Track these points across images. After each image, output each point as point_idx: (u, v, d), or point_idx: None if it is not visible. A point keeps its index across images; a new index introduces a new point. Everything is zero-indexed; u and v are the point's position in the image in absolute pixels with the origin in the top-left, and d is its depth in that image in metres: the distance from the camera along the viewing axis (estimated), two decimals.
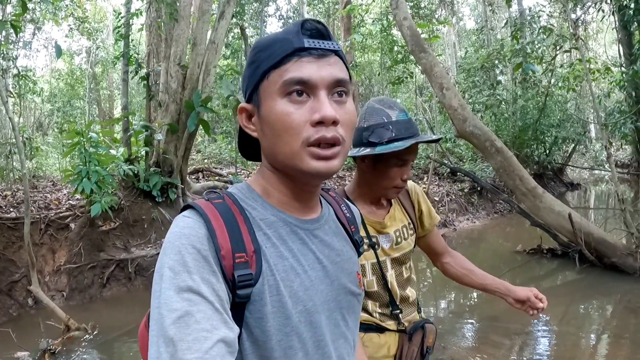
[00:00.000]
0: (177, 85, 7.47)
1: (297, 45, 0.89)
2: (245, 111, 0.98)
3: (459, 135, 7.66)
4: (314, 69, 0.89)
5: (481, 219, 11.71)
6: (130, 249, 6.88)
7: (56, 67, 19.99)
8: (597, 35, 21.87)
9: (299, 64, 0.88)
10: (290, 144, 0.89)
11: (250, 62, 0.96)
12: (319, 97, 0.88)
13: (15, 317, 5.70)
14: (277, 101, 0.89)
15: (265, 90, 0.91)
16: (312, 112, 0.88)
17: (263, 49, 0.93)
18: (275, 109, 0.89)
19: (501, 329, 5.11)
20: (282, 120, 0.89)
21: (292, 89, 0.88)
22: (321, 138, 0.88)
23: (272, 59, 0.90)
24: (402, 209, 1.93)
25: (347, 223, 1.15)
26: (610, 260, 6.64)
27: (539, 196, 7.11)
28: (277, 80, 0.89)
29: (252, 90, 0.95)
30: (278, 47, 0.90)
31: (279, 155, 0.92)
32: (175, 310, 0.77)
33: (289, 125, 0.88)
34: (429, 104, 16.26)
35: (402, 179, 1.77)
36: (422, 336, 1.86)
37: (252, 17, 16.30)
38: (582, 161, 21.20)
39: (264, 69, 0.91)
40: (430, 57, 7.90)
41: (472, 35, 20.44)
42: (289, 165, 0.91)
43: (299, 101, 0.88)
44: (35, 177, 9.55)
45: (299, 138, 0.88)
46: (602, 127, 7.93)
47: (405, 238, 1.89)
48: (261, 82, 0.92)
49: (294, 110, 0.88)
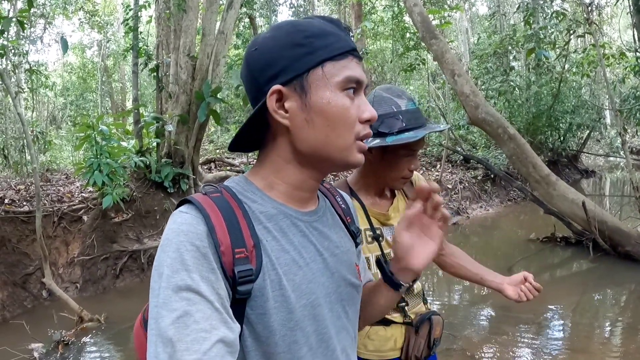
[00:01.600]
0: (186, 76, 7.47)
1: (352, 45, 0.94)
2: (278, 94, 0.92)
3: (472, 122, 7.58)
4: (360, 71, 0.94)
5: (494, 207, 11.63)
6: (142, 240, 6.92)
7: (68, 61, 20.10)
8: (612, 19, 21.49)
9: (353, 63, 0.93)
10: (345, 137, 0.92)
11: (295, 43, 0.91)
12: (362, 97, 0.96)
13: (29, 309, 5.77)
14: (337, 93, 0.91)
15: (320, 80, 0.91)
16: (360, 110, 0.94)
17: (317, 37, 0.92)
18: (336, 101, 0.91)
19: (513, 319, 5.08)
20: (341, 113, 0.91)
21: (351, 85, 0.92)
22: (368, 134, 0.96)
23: (330, 50, 0.91)
24: (405, 200, 1.91)
25: (343, 214, 1.15)
26: (625, 249, 6.56)
27: (553, 184, 7.03)
28: (335, 73, 0.91)
29: (296, 74, 0.91)
30: (335, 40, 0.93)
31: (329, 147, 0.93)
32: (174, 310, 0.76)
33: (347, 119, 0.92)
34: (442, 91, 16.15)
35: (410, 169, 1.75)
36: (429, 328, 1.84)
37: (262, 6, 16.23)
38: (597, 148, 20.92)
39: (322, 58, 0.91)
40: (442, 44, 7.81)
41: (485, 20, 20.22)
42: (337, 157, 0.94)
43: (352, 98, 0.93)
44: (48, 170, 9.63)
45: (352, 132, 0.93)
46: (617, 113, 7.82)
47: None
48: (313, 69, 0.91)
49: (350, 105, 0.92)
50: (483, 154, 13.73)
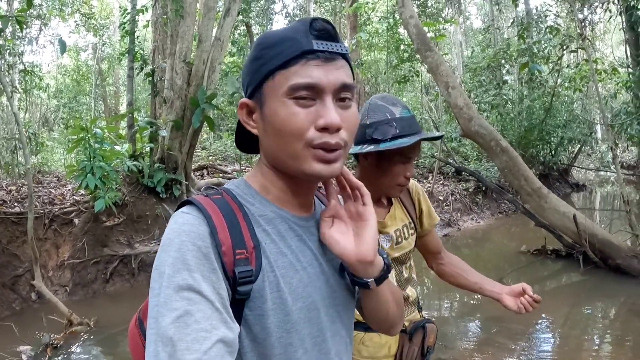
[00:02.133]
0: (182, 81, 7.47)
1: (306, 47, 0.88)
2: (246, 107, 0.96)
3: (464, 134, 7.63)
4: (321, 73, 0.88)
5: (486, 219, 11.67)
6: (133, 245, 6.88)
7: (62, 63, 20.04)
8: (604, 35, 21.75)
9: (306, 67, 0.88)
10: (293, 145, 0.89)
11: (254, 57, 0.94)
12: (325, 102, 0.88)
13: (18, 311, 5.71)
14: (283, 102, 0.88)
15: (271, 90, 0.90)
16: (317, 116, 0.88)
17: (269, 47, 0.91)
18: (281, 111, 0.88)
19: (504, 330, 5.09)
20: (287, 121, 0.88)
21: (299, 94, 0.87)
22: (325, 144, 0.88)
23: (278, 59, 0.89)
24: (402, 208, 1.92)
25: None
26: (615, 262, 6.61)
27: (544, 196, 7.08)
28: (283, 82, 0.88)
29: (255, 87, 0.93)
30: (286, 46, 0.89)
31: (282, 156, 0.92)
32: (174, 310, 0.76)
33: (294, 127, 0.88)
34: (435, 103, 16.22)
35: (405, 176, 1.75)
36: (423, 336, 1.85)
37: (258, 14, 16.28)
38: (588, 162, 21.10)
39: (270, 69, 0.90)
40: (436, 56, 7.87)
41: (479, 34, 20.39)
42: (291, 166, 0.91)
43: (304, 104, 0.88)
44: (40, 172, 9.57)
45: (302, 140, 0.88)
46: (609, 128, 7.89)
47: (405, 237, 1.87)
48: (266, 81, 0.91)
49: (299, 112, 0.88)
50: (475, 167, 13.78)
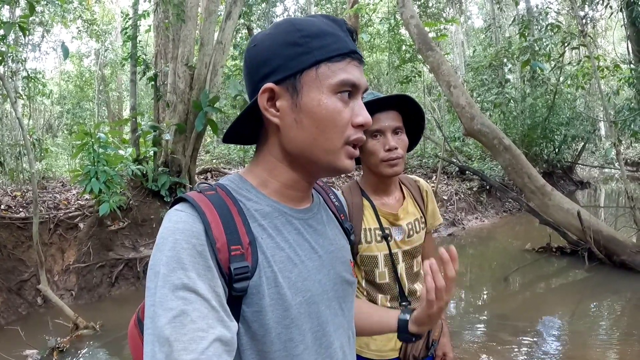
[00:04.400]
0: (184, 85, 7.49)
1: (352, 47, 0.92)
2: (271, 92, 0.92)
3: (467, 133, 7.63)
4: (359, 74, 0.92)
5: (490, 218, 11.66)
6: (138, 249, 6.91)
7: (65, 69, 20.12)
8: (606, 32, 21.70)
9: (351, 66, 0.91)
10: (333, 140, 0.91)
11: (292, 42, 0.90)
12: (359, 102, 0.93)
13: (24, 315, 5.74)
14: (329, 96, 0.89)
15: (313, 81, 0.89)
16: (353, 114, 0.92)
17: (314, 36, 0.90)
18: (327, 104, 0.89)
19: (510, 327, 5.09)
20: (332, 116, 0.89)
21: (345, 89, 0.90)
22: (359, 139, 0.93)
23: (326, 51, 0.90)
24: (414, 203, 1.92)
25: (337, 211, 1.16)
26: (620, 259, 6.59)
27: (548, 194, 7.07)
28: (329, 75, 0.89)
29: (289, 74, 0.90)
30: (332, 41, 0.90)
31: (316, 149, 0.92)
32: (170, 310, 0.76)
33: (337, 123, 0.90)
34: (438, 103, 16.25)
35: (385, 149, 1.72)
36: (429, 330, 1.85)
37: (259, 17, 16.30)
38: (591, 159, 21.07)
39: (317, 59, 0.89)
40: (438, 55, 7.88)
41: (480, 33, 20.37)
42: (323, 159, 0.92)
43: (346, 101, 0.91)
44: (44, 178, 9.62)
45: (342, 136, 0.91)
46: (612, 124, 7.87)
47: (417, 231, 1.87)
48: (306, 70, 0.89)
49: (343, 109, 0.90)
50: (478, 166, 13.78)
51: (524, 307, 5.95)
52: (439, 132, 14.36)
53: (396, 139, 1.74)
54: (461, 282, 7.13)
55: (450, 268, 1.05)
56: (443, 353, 1.96)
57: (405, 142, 1.78)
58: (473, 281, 7.36)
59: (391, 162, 1.74)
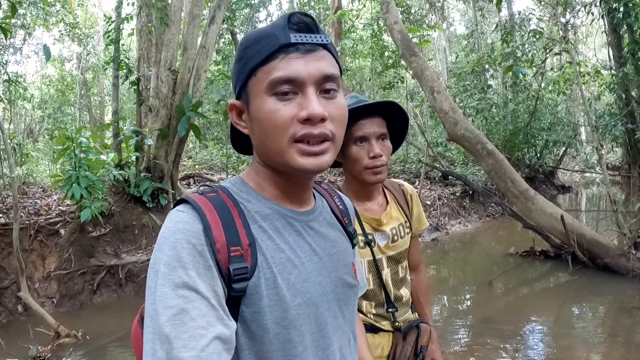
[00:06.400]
0: (167, 90, 7.43)
1: (283, 40, 0.88)
2: (235, 108, 0.98)
3: (451, 138, 7.67)
4: (301, 65, 0.88)
5: (473, 223, 11.72)
6: (120, 255, 6.81)
7: (47, 73, 19.90)
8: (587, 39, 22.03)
9: (285, 61, 0.88)
10: (278, 141, 0.89)
11: (238, 58, 0.95)
12: (307, 94, 0.88)
13: (4, 323, 5.61)
14: (265, 99, 0.89)
15: (254, 88, 0.91)
16: (299, 109, 0.88)
17: (250, 45, 0.92)
18: (263, 108, 0.89)
19: (495, 331, 5.10)
20: (269, 118, 0.89)
21: (280, 88, 0.88)
22: (308, 134, 0.88)
23: (258, 56, 0.89)
24: (398, 207, 1.91)
25: (341, 215, 1.15)
26: (603, 261, 6.66)
27: (531, 198, 7.12)
28: (264, 79, 0.89)
29: (241, 87, 0.94)
30: (264, 43, 0.89)
31: (268, 153, 0.93)
32: (170, 307, 0.76)
33: (276, 123, 0.88)
34: (420, 109, 16.31)
35: (370, 156, 1.71)
36: (417, 335, 1.83)
37: (242, 22, 16.28)
38: (572, 164, 21.31)
39: (251, 66, 0.90)
40: (421, 61, 7.92)
41: (463, 40, 20.55)
42: (279, 162, 0.92)
43: (286, 99, 0.88)
44: (25, 183, 9.46)
45: (285, 135, 0.88)
46: (593, 129, 7.97)
47: (401, 236, 1.86)
48: (249, 80, 0.91)
49: (281, 107, 0.88)
50: (461, 171, 13.86)
51: (508, 310, 5.98)
52: (421, 138, 14.42)
53: (380, 146, 1.73)
54: (446, 287, 7.15)
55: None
56: (432, 359, 1.95)
57: (389, 149, 1.77)
58: (457, 286, 7.39)
59: (375, 169, 1.72)
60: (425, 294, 2.09)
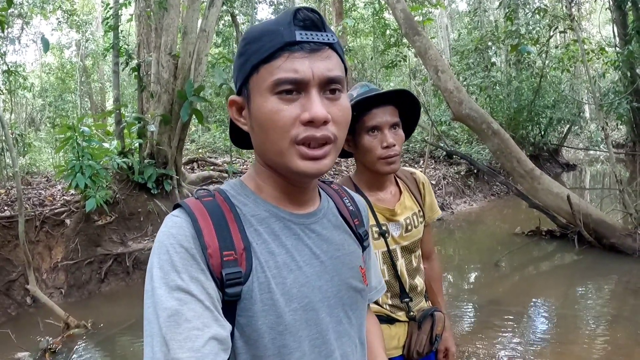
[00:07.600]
0: (168, 75, 7.38)
1: (288, 38, 0.85)
2: (235, 104, 0.96)
3: (455, 118, 7.60)
4: (305, 65, 0.85)
5: (478, 202, 11.72)
6: (127, 243, 6.83)
7: (46, 61, 19.80)
8: (590, 15, 21.79)
9: (290, 60, 0.85)
10: (278, 142, 0.87)
11: (239, 53, 0.92)
12: (310, 95, 0.86)
13: (14, 316, 5.64)
14: (267, 98, 0.86)
15: (255, 86, 0.88)
16: (302, 110, 0.85)
17: (252, 41, 0.89)
18: (265, 107, 0.87)
19: (502, 312, 5.11)
20: (270, 118, 0.86)
21: (283, 88, 0.85)
22: (310, 137, 0.86)
23: (261, 53, 0.86)
24: (411, 196, 1.89)
25: (350, 216, 1.11)
26: (609, 241, 6.64)
27: (537, 178, 7.08)
28: (266, 77, 0.86)
29: (242, 83, 0.92)
30: (268, 39, 0.86)
31: (268, 152, 0.91)
32: (165, 309, 0.77)
33: (277, 123, 0.86)
34: (423, 87, 16.20)
35: (383, 146, 1.68)
36: (432, 324, 1.83)
37: (242, 3, 16.11)
38: (577, 142, 21.23)
39: (253, 63, 0.88)
40: (425, 40, 7.82)
41: (465, 17, 20.35)
42: (278, 163, 0.90)
43: (289, 99, 0.86)
44: (28, 173, 9.46)
45: (287, 136, 0.86)
46: (598, 107, 7.90)
47: (415, 226, 1.84)
48: (251, 76, 0.89)
49: (283, 108, 0.85)
50: (466, 150, 13.81)
51: (514, 291, 5.99)
52: (425, 116, 14.35)
53: (393, 135, 1.70)
54: (451, 266, 7.16)
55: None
56: (445, 348, 1.95)
57: (402, 138, 1.74)
58: (463, 265, 7.40)
59: (389, 159, 1.70)
60: (438, 282, 2.09)
